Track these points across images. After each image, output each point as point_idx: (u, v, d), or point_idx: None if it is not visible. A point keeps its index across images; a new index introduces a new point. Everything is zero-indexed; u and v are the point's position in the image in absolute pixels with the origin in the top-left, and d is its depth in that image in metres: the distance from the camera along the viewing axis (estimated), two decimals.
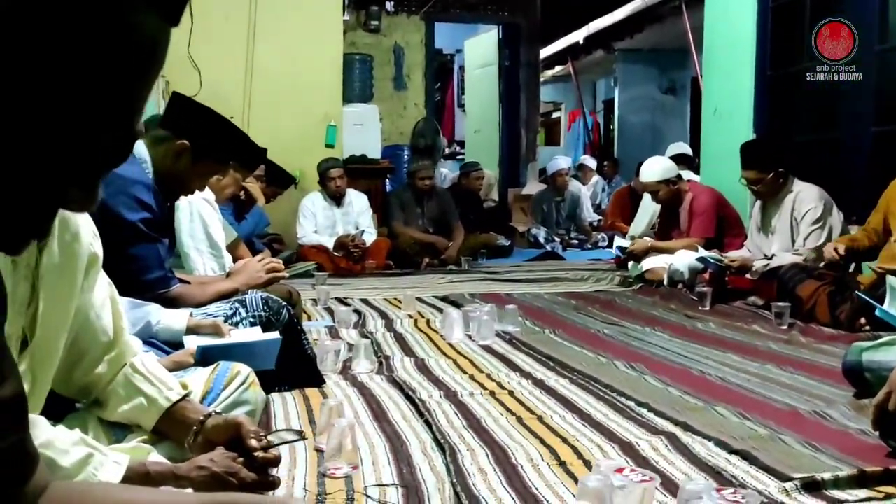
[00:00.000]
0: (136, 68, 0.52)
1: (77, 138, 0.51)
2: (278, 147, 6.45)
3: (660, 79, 12.05)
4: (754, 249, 4.22)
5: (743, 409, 2.14)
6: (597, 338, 3.24)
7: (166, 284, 2.27)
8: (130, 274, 2.15)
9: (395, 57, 8.51)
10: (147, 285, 2.20)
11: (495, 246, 6.85)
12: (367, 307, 4.06)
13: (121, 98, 0.52)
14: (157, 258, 2.26)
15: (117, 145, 0.56)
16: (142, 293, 2.15)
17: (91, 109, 0.51)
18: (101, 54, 0.49)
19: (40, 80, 0.48)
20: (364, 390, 2.37)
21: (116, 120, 0.53)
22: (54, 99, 0.49)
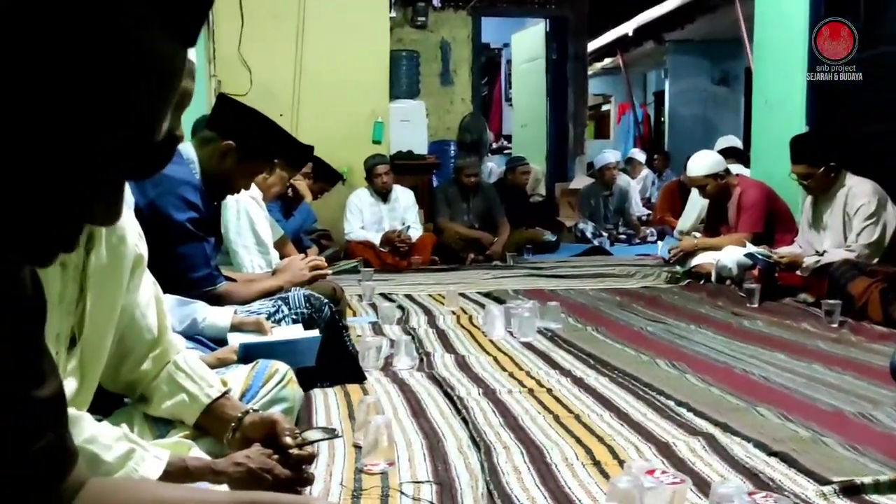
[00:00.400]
0: (150, 90, 0.55)
1: (95, 158, 0.54)
2: (326, 144, 6.54)
3: (712, 70, 11.80)
4: (805, 245, 4.12)
5: (785, 409, 2.11)
6: (640, 335, 3.21)
7: (212, 282, 2.34)
8: (178, 272, 2.23)
9: (442, 52, 8.53)
10: (194, 283, 2.27)
11: (541, 241, 6.82)
12: (410, 303, 4.10)
13: (137, 119, 0.55)
14: (203, 257, 2.33)
15: (137, 163, 0.59)
16: (189, 291, 2.23)
17: (108, 130, 0.53)
18: (115, 77, 0.52)
19: (54, 102, 0.51)
20: (404, 387, 2.41)
21: (134, 139, 0.56)
22: (71, 121, 0.52)
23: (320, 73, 6.70)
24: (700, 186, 4.74)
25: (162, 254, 2.16)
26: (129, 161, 0.56)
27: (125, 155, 0.55)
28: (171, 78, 0.57)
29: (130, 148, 0.55)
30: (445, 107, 8.61)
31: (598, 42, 12.17)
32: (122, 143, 0.55)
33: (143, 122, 0.56)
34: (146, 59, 0.54)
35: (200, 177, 2.39)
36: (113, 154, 0.54)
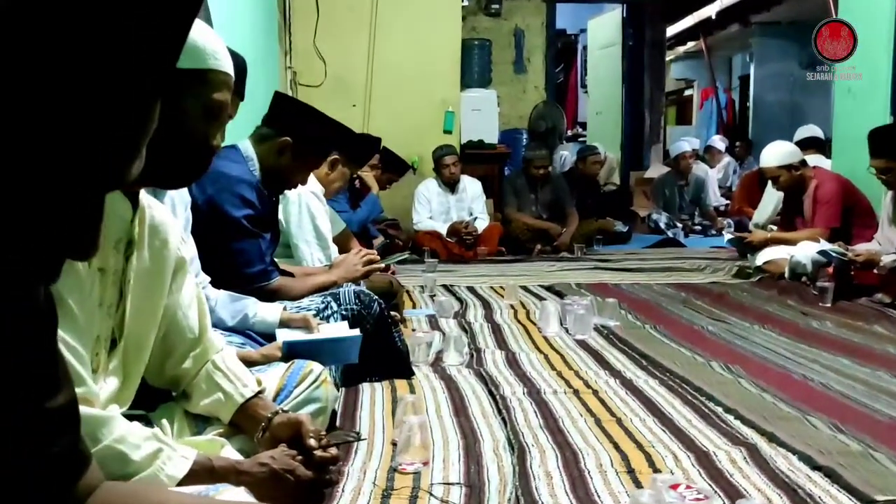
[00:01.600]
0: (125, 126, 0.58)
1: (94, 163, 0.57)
2: (397, 133, 6.65)
3: (800, 54, 11.27)
4: (885, 242, 3.93)
5: (839, 419, 2.04)
6: (699, 334, 3.14)
7: (267, 278, 2.43)
8: (233, 267, 2.33)
9: (516, 40, 8.46)
10: (248, 278, 2.37)
11: (612, 232, 6.72)
12: (471, 295, 4.13)
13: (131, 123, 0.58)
14: (258, 253, 2.41)
15: (175, 172, 0.63)
16: (243, 286, 2.32)
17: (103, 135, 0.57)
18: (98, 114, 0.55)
19: (53, 107, 0.54)
20: (450, 383, 2.44)
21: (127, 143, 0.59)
22: (71, 124, 0.55)
23: (392, 64, 6.78)
24: (773, 178, 4.57)
25: (218, 249, 2.29)
26: (163, 168, 0.59)
27: (121, 157, 0.58)
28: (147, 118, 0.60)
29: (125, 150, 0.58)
30: (518, 95, 8.55)
31: (679, 26, 11.82)
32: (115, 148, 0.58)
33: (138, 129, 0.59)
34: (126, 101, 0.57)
35: (259, 173, 2.48)
36: (110, 157, 0.57)
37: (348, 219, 4.85)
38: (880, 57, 4.48)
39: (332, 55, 6.75)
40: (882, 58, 4.48)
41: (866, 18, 4.64)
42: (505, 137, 8.01)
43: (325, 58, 6.74)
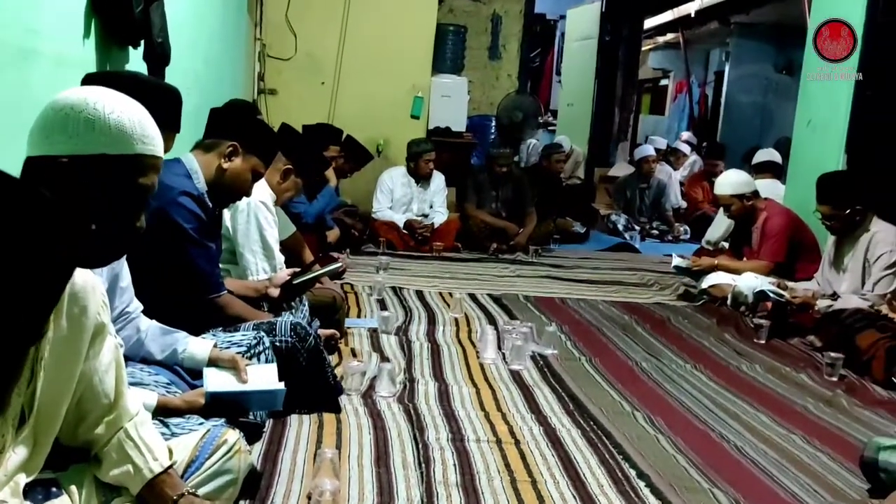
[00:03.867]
0: None
1: None
2: (364, 115, 6.60)
3: (776, 56, 11.36)
4: (824, 283, 4.04)
5: (743, 495, 2.12)
6: (632, 373, 3.21)
7: (217, 289, 2.48)
8: (183, 279, 2.37)
9: (493, 25, 8.38)
10: (198, 290, 2.42)
11: (570, 232, 6.79)
12: (418, 303, 4.15)
13: None
14: (207, 264, 2.46)
15: None
16: (193, 297, 2.39)
17: None
18: None
19: None
20: (377, 422, 2.47)
21: None
22: None
23: (365, 44, 6.69)
24: (726, 205, 4.65)
25: (167, 262, 2.30)
26: None
27: None
28: None
29: None
30: (490, 82, 8.50)
31: (659, 19, 11.79)
32: None
33: None
34: None
35: (206, 185, 2.47)
36: None
37: (305, 210, 4.84)
38: (841, 93, 4.54)
39: (304, 30, 6.65)
40: (842, 94, 4.53)
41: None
42: (475, 122, 7.99)
43: (297, 32, 6.64)
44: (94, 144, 1.35)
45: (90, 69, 2.47)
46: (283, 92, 6.68)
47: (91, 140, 1.35)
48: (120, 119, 1.38)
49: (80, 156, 1.34)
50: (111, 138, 1.37)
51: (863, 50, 4.41)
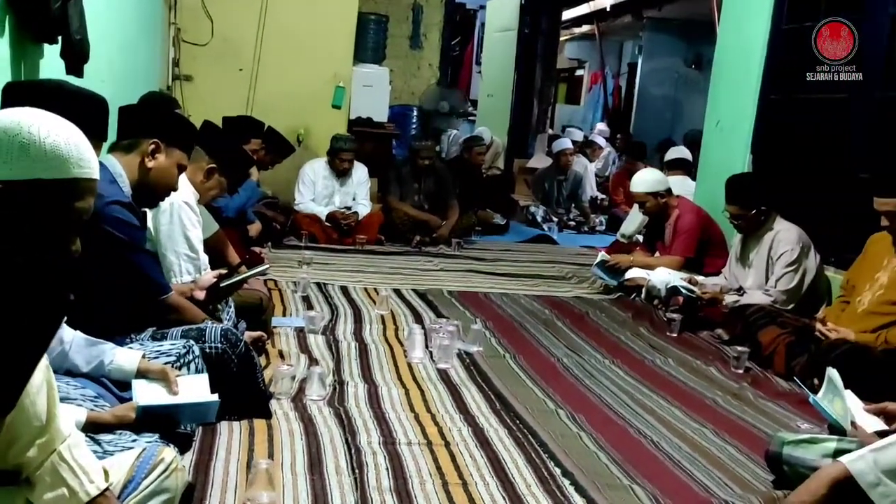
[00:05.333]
0: None
1: None
2: (284, 103, 6.50)
3: (686, 51, 11.78)
4: (731, 278, 4.27)
5: (660, 490, 2.25)
6: (554, 370, 3.33)
7: (165, 290, 2.48)
8: (129, 283, 2.35)
9: (414, 14, 8.39)
10: (147, 292, 2.41)
11: (490, 224, 6.91)
12: (343, 300, 4.16)
13: None
14: (151, 266, 2.47)
15: None
16: (142, 301, 2.39)
17: None
18: None
19: None
20: (309, 427, 2.49)
21: None
22: None
23: (284, 31, 6.57)
24: (640, 202, 4.84)
25: (111, 272, 2.25)
26: None
27: None
28: None
29: None
30: (412, 71, 8.52)
31: (575, 11, 12.03)
32: None
33: None
34: None
35: (131, 187, 2.42)
36: None
37: (226, 205, 4.75)
38: (747, 98, 4.78)
39: (221, 14, 6.47)
40: (749, 98, 4.77)
41: (739, 59, 4.92)
42: (396, 112, 7.99)
43: (213, 16, 6.46)
44: (29, 169, 1.32)
45: (4, 67, 2.37)
46: (200, 78, 6.50)
47: (26, 165, 1.32)
48: (56, 143, 1.35)
49: (14, 181, 1.31)
50: (47, 163, 1.34)
51: (768, 54, 4.65)
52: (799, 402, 3.09)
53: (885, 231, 3.27)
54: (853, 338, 3.24)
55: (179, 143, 2.51)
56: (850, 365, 2.88)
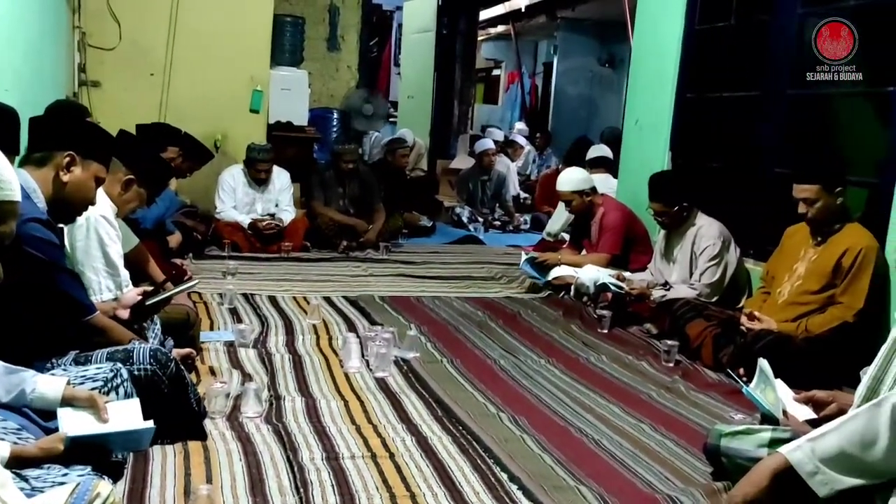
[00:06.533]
0: None
1: None
2: (200, 109, 6.30)
3: (599, 50, 12.05)
4: (656, 273, 4.37)
5: (606, 489, 2.27)
6: (492, 372, 3.33)
7: (91, 311, 2.37)
8: (54, 305, 2.24)
9: (330, 16, 8.27)
10: (73, 313, 2.30)
11: (417, 226, 6.89)
12: (273, 311, 4.06)
13: None
14: (75, 286, 2.36)
15: None
16: (63, 322, 2.28)
17: None
18: None
19: None
20: (247, 447, 2.40)
21: None
22: None
23: (198, 33, 6.37)
24: (566, 201, 4.91)
25: (35, 294, 2.12)
26: None
27: None
28: None
29: None
30: (330, 73, 8.40)
31: (491, 12, 12.14)
32: None
33: None
34: None
35: (46, 203, 2.30)
36: None
37: (143, 216, 4.56)
38: (665, 97, 4.91)
39: (128, 17, 6.23)
40: (666, 97, 4.90)
41: (655, 60, 5.05)
42: (315, 115, 7.85)
43: (120, 19, 6.21)
44: None
45: None
46: (108, 84, 6.23)
47: None
48: None
49: None
50: None
51: (682, 54, 4.79)
52: (729, 393, 3.18)
53: (803, 219, 3.41)
54: (775, 327, 3.37)
55: (96, 154, 2.39)
56: (773, 354, 2.97)
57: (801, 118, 4.09)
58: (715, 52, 4.62)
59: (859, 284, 3.26)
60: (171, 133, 5.06)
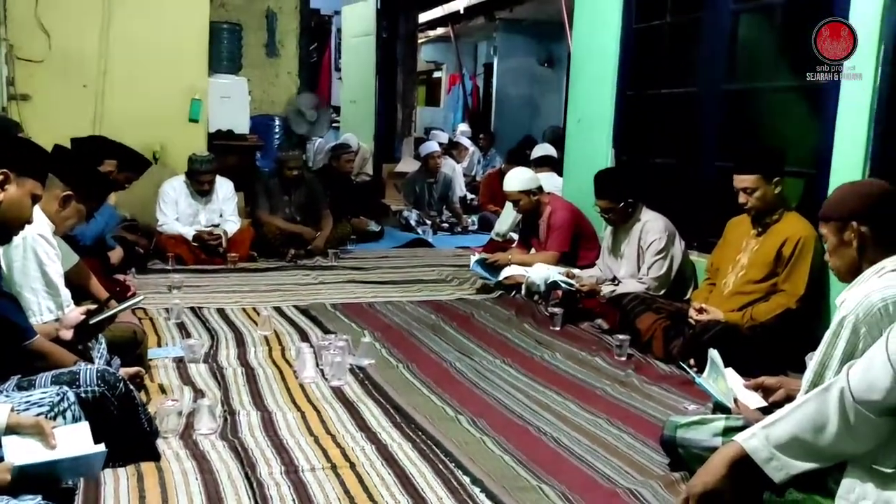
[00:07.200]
0: None
1: None
2: (136, 120, 6.15)
3: (538, 51, 12.19)
4: (605, 269, 4.43)
5: (568, 486, 2.29)
6: (448, 375, 3.32)
7: (29, 334, 2.28)
8: None
9: (268, 22, 8.15)
10: (7, 338, 2.21)
11: (365, 231, 6.85)
12: (222, 324, 3.98)
13: None
14: (12, 309, 2.27)
15: None
16: (4, 346, 2.19)
17: None
18: None
19: None
20: (203, 464, 2.35)
21: None
22: None
23: (131, 43, 6.22)
24: (514, 201, 4.94)
25: None
26: None
27: None
28: None
29: None
30: (270, 80, 8.28)
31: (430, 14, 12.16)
32: None
33: None
34: None
35: None
36: None
37: (81, 232, 4.43)
38: (605, 94, 4.98)
39: (58, 27, 6.05)
40: (607, 95, 4.98)
41: (595, 59, 5.12)
42: (257, 122, 7.74)
43: (49, 30, 6.03)
44: None
45: None
46: (39, 97, 6.04)
47: None
48: None
49: None
50: None
51: (621, 52, 4.87)
52: (681, 384, 3.25)
53: (744, 211, 3.50)
54: (722, 318, 3.45)
55: (30, 171, 2.30)
56: (722, 344, 3.04)
57: (737, 113, 4.20)
58: (653, 50, 4.71)
59: (800, 272, 3.37)
60: (107, 146, 4.91)
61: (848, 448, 1.75)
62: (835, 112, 3.43)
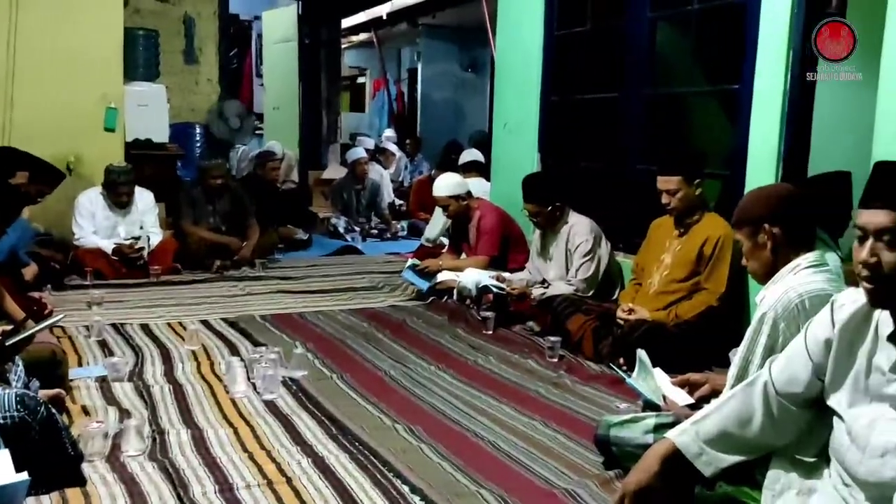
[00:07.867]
0: None
1: None
2: (48, 130, 5.91)
3: (461, 56, 12.29)
4: (534, 272, 4.49)
5: (507, 490, 2.30)
6: (383, 384, 3.31)
7: None
8: None
9: (186, 28, 7.97)
10: None
11: (293, 239, 6.76)
12: (146, 340, 3.86)
13: None
14: None
15: None
16: None
17: None
18: None
19: None
20: (133, 487, 2.26)
21: None
22: None
23: (41, 49, 5.96)
24: (444, 206, 4.97)
25: None
26: None
27: None
28: None
29: None
30: (189, 87, 8.09)
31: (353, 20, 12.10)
32: None
33: None
34: None
35: None
36: None
37: None
38: (531, 99, 5.06)
39: None
40: (532, 100, 5.05)
41: (519, 65, 5.19)
42: (177, 131, 7.54)
43: None
44: None
45: None
46: None
47: None
48: None
49: None
50: None
51: (545, 58, 4.96)
52: (612, 383, 3.32)
53: (666, 211, 3.61)
54: (649, 317, 3.54)
55: None
56: (649, 343, 3.12)
57: (658, 117, 4.33)
58: (576, 56, 4.81)
59: (720, 270, 3.50)
60: (17, 157, 4.69)
61: (772, 440, 1.82)
62: (748, 116, 3.58)
